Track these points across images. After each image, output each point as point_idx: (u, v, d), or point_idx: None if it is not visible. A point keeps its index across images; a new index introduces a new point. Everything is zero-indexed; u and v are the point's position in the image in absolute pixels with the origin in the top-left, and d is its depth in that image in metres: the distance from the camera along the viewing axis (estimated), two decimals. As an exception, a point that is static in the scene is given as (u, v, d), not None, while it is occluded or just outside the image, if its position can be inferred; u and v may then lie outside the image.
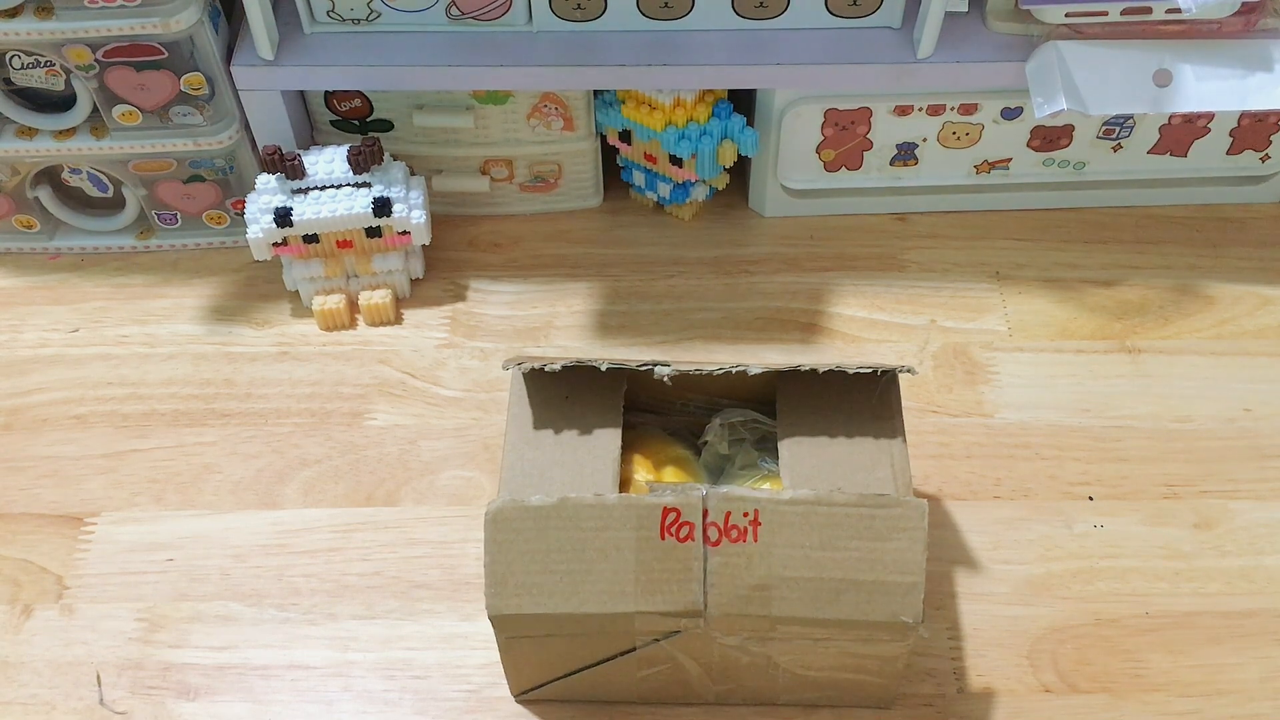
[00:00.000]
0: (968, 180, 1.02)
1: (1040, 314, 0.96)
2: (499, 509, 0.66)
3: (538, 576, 0.65)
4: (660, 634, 0.67)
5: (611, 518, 0.65)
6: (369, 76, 0.91)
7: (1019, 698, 0.76)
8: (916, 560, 0.65)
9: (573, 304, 0.97)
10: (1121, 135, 0.98)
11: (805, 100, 0.94)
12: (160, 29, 0.85)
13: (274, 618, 0.80)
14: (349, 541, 0.84)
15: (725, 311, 0.97)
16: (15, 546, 0.84)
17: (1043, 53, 0.88)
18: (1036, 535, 0.83)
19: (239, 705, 0.77)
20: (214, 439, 0.89)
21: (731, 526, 0.65)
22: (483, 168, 1.01)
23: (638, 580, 0.65)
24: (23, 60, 0.89)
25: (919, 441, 0.87)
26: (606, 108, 0.96)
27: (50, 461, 0.89)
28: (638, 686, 0.73)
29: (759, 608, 0.65)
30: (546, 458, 0.70)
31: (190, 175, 0.96)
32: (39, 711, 0.76)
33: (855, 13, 0.90)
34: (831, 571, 0.65)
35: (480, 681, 0.77)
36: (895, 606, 0.65)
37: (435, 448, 0.89)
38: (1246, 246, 1.00)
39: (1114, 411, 0.90)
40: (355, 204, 0.91)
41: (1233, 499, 0.85)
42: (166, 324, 0.97)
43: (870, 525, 0.65)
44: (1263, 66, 0.88)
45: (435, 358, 0.94)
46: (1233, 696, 0.76)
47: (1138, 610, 0.80)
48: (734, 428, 0.76)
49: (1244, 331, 0.95)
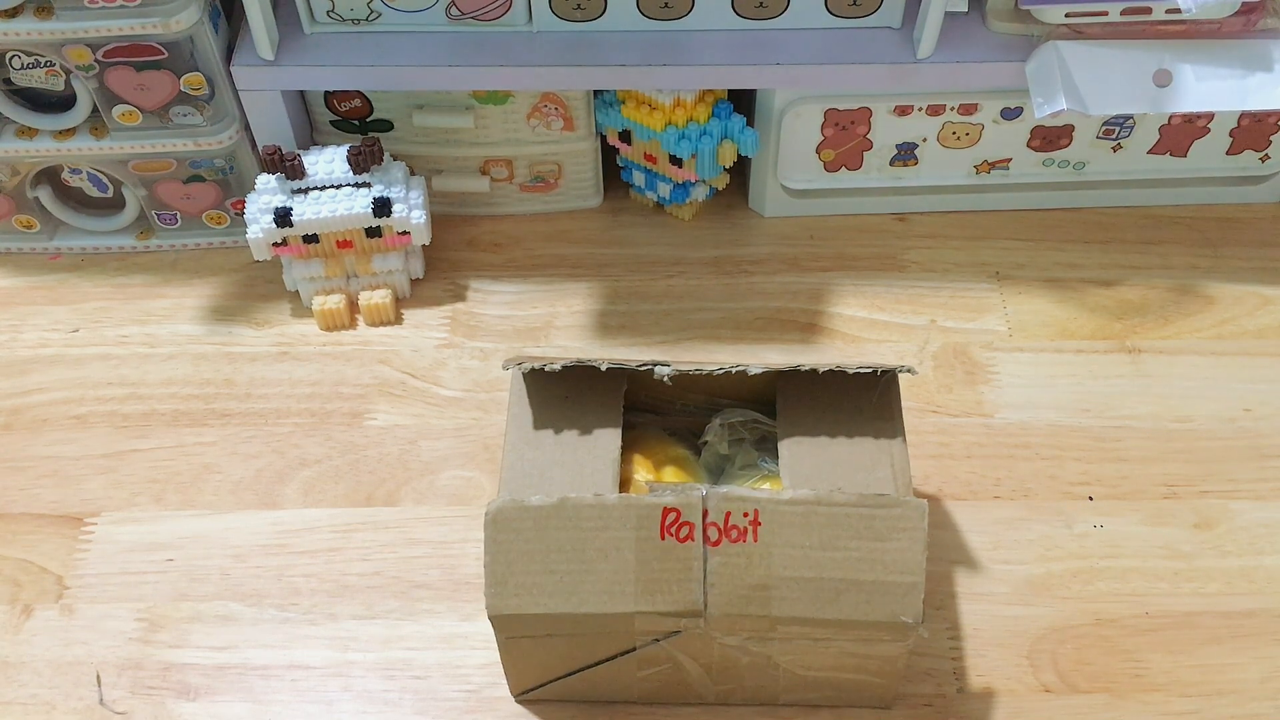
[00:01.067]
0: (968, 180, 1.02)
1: (1040, 314, 0.96)
2: (499, 509, 0.66)
3: (538, 576, 0.65)
4: (660, 634, 0.67)
5: (611, 518, 0.65)
6: (369, 76, 0.91)
7: (1019, 698, 0.76)
8: (917, 560, 0.65)
9: (573, 304, 0.98)
10: (1121, 135, 0.98)
11: (805, 100, 0.94)
12: (160, 29, 0.85)
13: (274, 618, 0.80)
14: (349, 541, 0.84)
15: (725, 311, 0.97)
16: (15, 546, 0.84)
17: (1043, 53, 0.88)
18: (1036, 535, 0.83)
19: (239, 705, 0.77)
20: (214, 439, 0.89)
21: (731, 526, 0.65)
22: (483, 168, 1.01)
23: (638, 580, 0.65)
24: (23, 60, 0.89)
25: (919, 441, 0.87)
26: (606, 108, 0.96)
27: (50, 461, 0.89)
28: (638, 686, 0.73)
29: (759, 608, 0.65)
30: (546, 458, 0.70)
31: (190, 175, 0.96)
32: (39, 711, 0.76)
33: (855, 13, 0.90)
34: (832, 571, 0.65)
35: (480, 681, 0.77)
36: (895, 606, 0.65)
37: (435, 448, 0.89)
38: (1246, 246, 1.00)
39: (1114, 411, 0.90)
40: (355, 204, 0.91)
41: (1233, 499, 0.85)
42: (166, 324, 0.97)
43: (870, 525, 0.65)
44: (1263, 66, 0.88)
45: (435, 358, 0.94)
46: (1233, 696, 0.76)
47: (1138, 610, 0.80)
48: (734, 428, 0.76)
49: (1244, 331, 0.95)
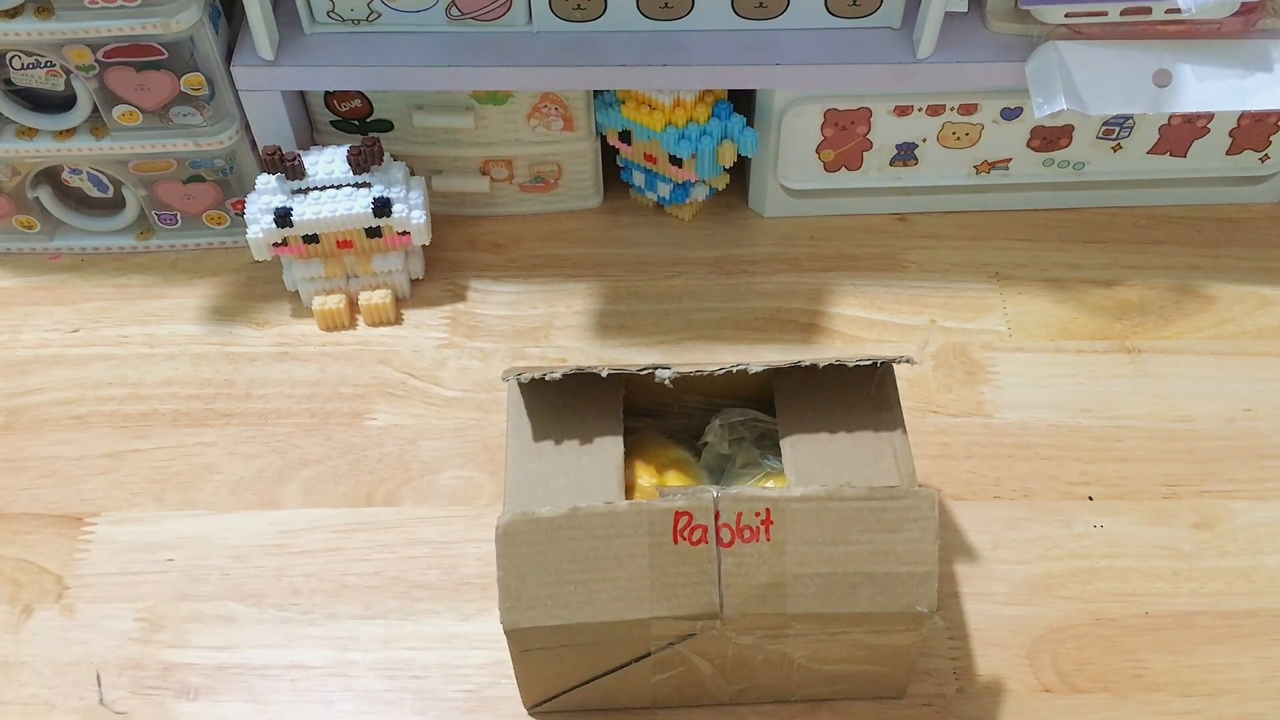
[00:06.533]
0: (968, 180, 1.02)
1: (1040, 314, 0.96)
2: (509, 523, 0.65)
3: (552, 588, 0.65)
4: (676, 637, 0.67)
5: (623, 525, 0.65)
6: (369, 77, 0.91)
7: (1019, 698, 0.76)
8: (929, 549, 0.65)
9: (573, 304, 0.98)
10: (1121, 135, 0.98)
11: (805, 100, 0.94)
12: (160, 29, 0.85)
13: (274, 618, 0.80)
14: (349, 541, 0.84)
15: (725, 311, 0.97)
16: (15, 546, 0.84)
17: (1042, 53, 0.88)
18: (1036, 535, 0.83)
19: (239, 705, 0.77)
20: (214, 439, 0.89)
21: (744, 527, 0.65)
22: (483, 168, 1.01)
23: (653, 586, 0.65)
24: (23, 60, 0.89)
25: (919, 442, 0.87)
26: (606, 108, 0.96)
27: (50, 461, 0.89)
28: (652, 691, 0.73)
29: (775, 606, 0.65)
30: (550, 468, 0.70)
31: (190, 175, 0.96)
32: (39, 711, 0.76)
33: (855, 13, 0.90)
34: (845, 566, 0.65)
35: (480, 681, 0.77)
36: (910, 597, 0.65)
37: (435, 448, 0.89)
38: (1246, 246, 1.00)
39: (1114, 411, 0.90)
40: (355, 204, 0.91)
41: (1233, 499, 0.85)
42: (166, 324, 0.97)
43: (881, 517, 0.65)
44: (1263, 66, 0.88)
45: (435, 358, 0.94)
46: (1233, 696, 0.76)
47: (1137, 610, 0.80)
48: (733, 427, 0.76)
49: (1244, 331, 0.95)
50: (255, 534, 0.84)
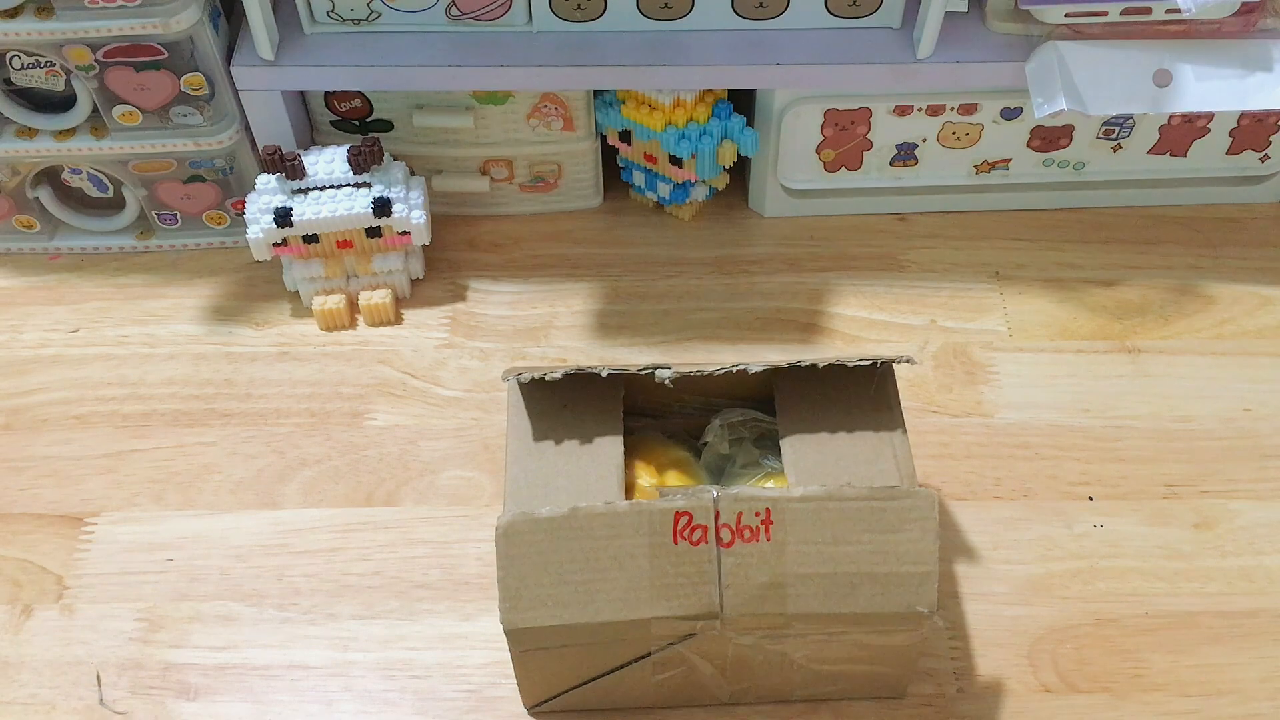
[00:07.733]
0: (968, 180, 1.02)
1: (1040, 314, 0.96)
2: (509, 523, 0.65)
3: (552, 588, 0.65)
4: (676, 638, 0.67)
5: (623, 525, 0.65)
6: (369, 77, 0.91)
7: (1019, 698, 0.76)
8: (929, 550, 0.65)
9: (573, 304, 0.98)
10: (1121, 135, 0.98)
11: (805, 100, 0.94)
12: (160, 29, 0.85)
13: (274, 618, 0.80)
14: (349, 541, 0.84)
15: (725, 311, 0.97)
16: (15, 546, 0.84)
17: (1042, 53, 0.88)
18: (1036, 535, 0.83)
19: (239, 705, 0.77)
20: (214, 439, 0.89)
21: (744, 527, 0.65)
22: (483, 168, 1.01)
23: (653, 586, 0.65)
24: (23, 60, 0.89)
25: (919, 442, 0.87)
26: (606, 108, 0.96)
27: (50, 461, 0.89)
28: (652, 691, 0.73)
29: (775, 606, 0.65)
30: (549, 468, 0.70)
31: (190, 175, 0.96)
32: (39, 711, 0.76)
33: (855, 13, 0.90)
34: (845, 566, 0.65)
35: (480, 681, 0.77)
36: (910, 597, 0.65)
37: (435, 448, 0.89)
38: (1246, 246, 1.00)
39: (1114, 411, 0.90)
40: (355, 204, 0.91)
41: (1233, 499, 0.85)
42: (166, 324, 0.97)
43: (881, 517, 0.65)
44: (1263, 66, 0.88)
45: (435, 358, 0.94)
46: (1233, 696, 0.76)
47: (1137, 610, 0.80)
48: (733, 427, 0.76)
49: (1244, 331, 0.95)
50: (255, 534, 0.84)
